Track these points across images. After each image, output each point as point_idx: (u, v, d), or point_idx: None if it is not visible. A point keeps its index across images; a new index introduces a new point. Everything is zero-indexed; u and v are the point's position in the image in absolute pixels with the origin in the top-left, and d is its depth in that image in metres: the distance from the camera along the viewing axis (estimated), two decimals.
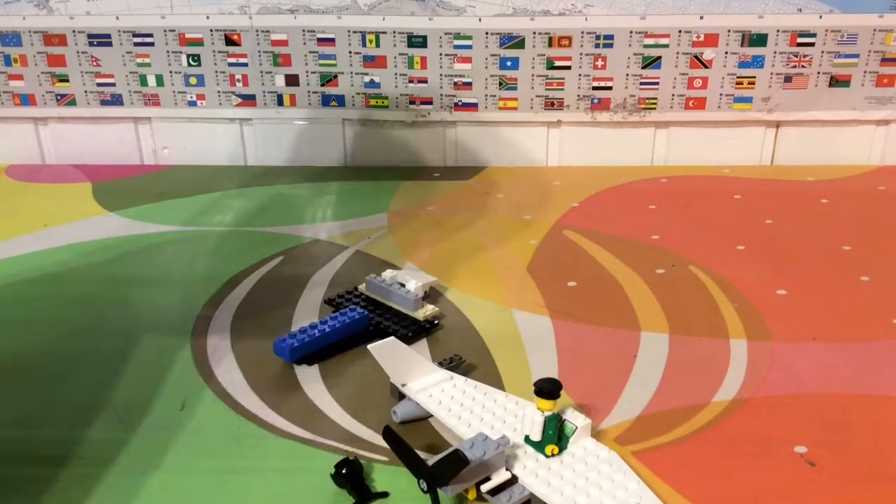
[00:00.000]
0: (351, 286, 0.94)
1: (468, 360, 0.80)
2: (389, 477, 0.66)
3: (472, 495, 0.60)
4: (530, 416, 0.63)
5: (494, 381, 0.78)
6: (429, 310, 0.88)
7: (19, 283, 0.98)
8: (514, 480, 0.61)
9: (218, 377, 0.79)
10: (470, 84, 1.31)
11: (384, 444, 0.69)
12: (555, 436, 0.64)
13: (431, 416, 0.70)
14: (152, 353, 0.84)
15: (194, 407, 0.75)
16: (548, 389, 0.63)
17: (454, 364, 0.77)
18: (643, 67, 1.28)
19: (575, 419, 0.64)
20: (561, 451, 0.63)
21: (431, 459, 0.59)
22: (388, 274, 0.92)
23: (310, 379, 0.79)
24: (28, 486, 0.66)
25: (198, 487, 0.65)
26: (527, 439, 0.64)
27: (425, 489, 0.58)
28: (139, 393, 0.77)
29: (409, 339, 0.83)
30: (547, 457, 0.63)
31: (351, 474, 0.63)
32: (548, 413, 0.63)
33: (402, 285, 0.89)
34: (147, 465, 0.68)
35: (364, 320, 0.85)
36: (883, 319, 0.87)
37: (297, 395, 0.76)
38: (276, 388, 0.77)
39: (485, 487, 0.60)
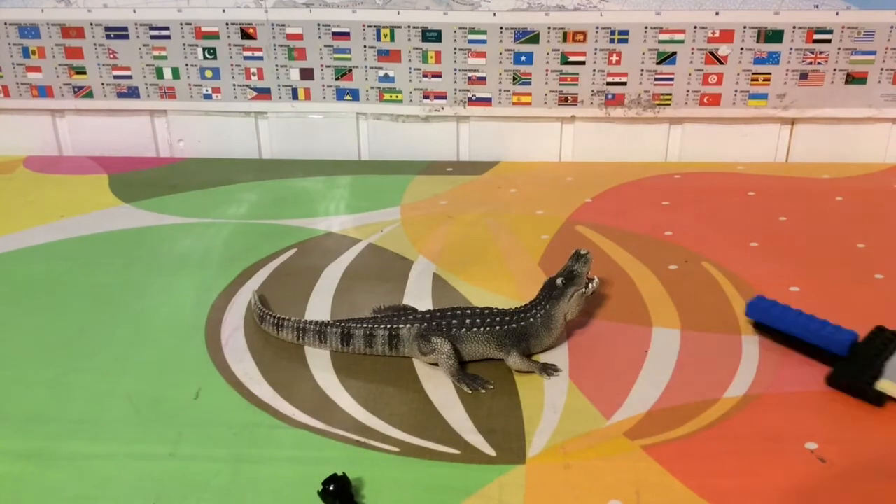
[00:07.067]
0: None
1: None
2: (399, 469, 0.66)
3: None
4: None
5: (505, 376, 0.78)
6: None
7: (35, 272, 0.99)
8: None
9: (231, 367, 0.80)
10: (484, 79, 1.31)
11: (395, 435, 0.70)
12: None
13: None
14: (167, 342, 0.84)
15: (208, 396, 0.76)
16: None
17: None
18: (658, 63, 1.28)
19: None
20: None
21: None
22: None
23: (322, 370, 0.79)
24: (42, 473, 0.67)
25: (211, 476, 0.66)
26: None
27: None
28: (154, 381, 0.78)
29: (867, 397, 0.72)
30: None
31: (339, 491, 0.61)
32: None
33: None
34: (161, 453, 0.68)
35: (843, 346, 0.76)
36: None
37: (309, 385, 0.77)
38: (289, 379, 0.78)
39: None
